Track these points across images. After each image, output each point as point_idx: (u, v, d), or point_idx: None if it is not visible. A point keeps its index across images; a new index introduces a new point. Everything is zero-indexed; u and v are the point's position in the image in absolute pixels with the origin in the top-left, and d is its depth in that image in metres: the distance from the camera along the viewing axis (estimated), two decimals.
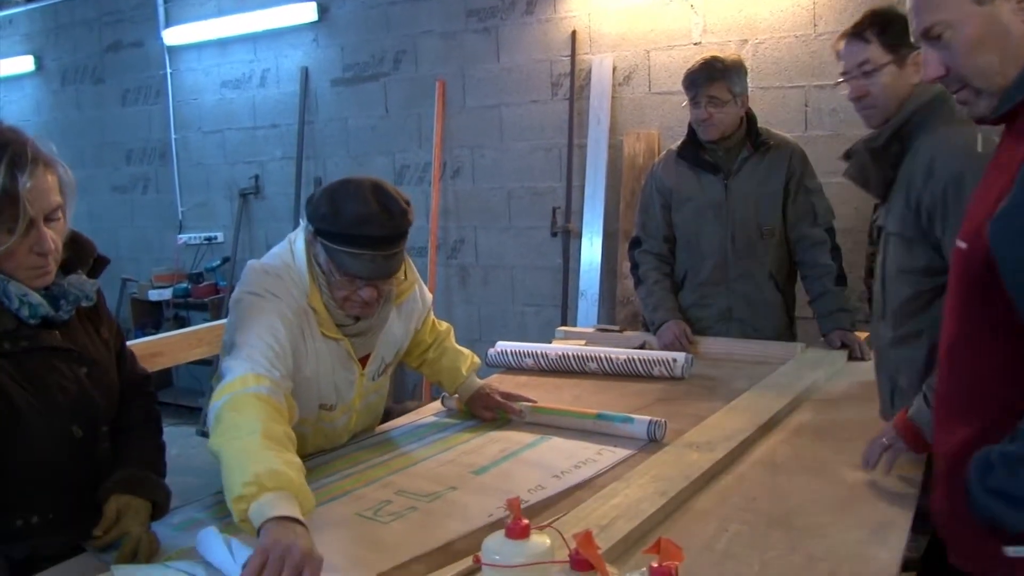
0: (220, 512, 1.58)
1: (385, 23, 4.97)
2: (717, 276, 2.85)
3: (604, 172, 4.34)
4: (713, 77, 2.70)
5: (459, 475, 1.76)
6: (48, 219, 1.40)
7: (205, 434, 5.43)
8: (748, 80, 2.81)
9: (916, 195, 1.80)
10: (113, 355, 1.64)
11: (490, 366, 2.72)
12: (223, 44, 5.64)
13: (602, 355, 2.58)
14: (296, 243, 1.84)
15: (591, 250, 4.41)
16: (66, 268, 1.52)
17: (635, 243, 3.01)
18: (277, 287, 1.77)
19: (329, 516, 1.55)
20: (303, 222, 1.82)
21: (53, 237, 1.41)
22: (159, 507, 1.53)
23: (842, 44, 1.97)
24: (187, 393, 5.99)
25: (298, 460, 1.47)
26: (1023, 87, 1.20)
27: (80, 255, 1.56)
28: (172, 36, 5.81)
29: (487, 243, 4.86)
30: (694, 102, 2.76)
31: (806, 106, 3.74)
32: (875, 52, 1.91)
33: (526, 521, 1.09)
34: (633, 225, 3.11)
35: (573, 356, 2.61)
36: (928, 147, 1.80)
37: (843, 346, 2.66)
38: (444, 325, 2.30)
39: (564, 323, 4.35)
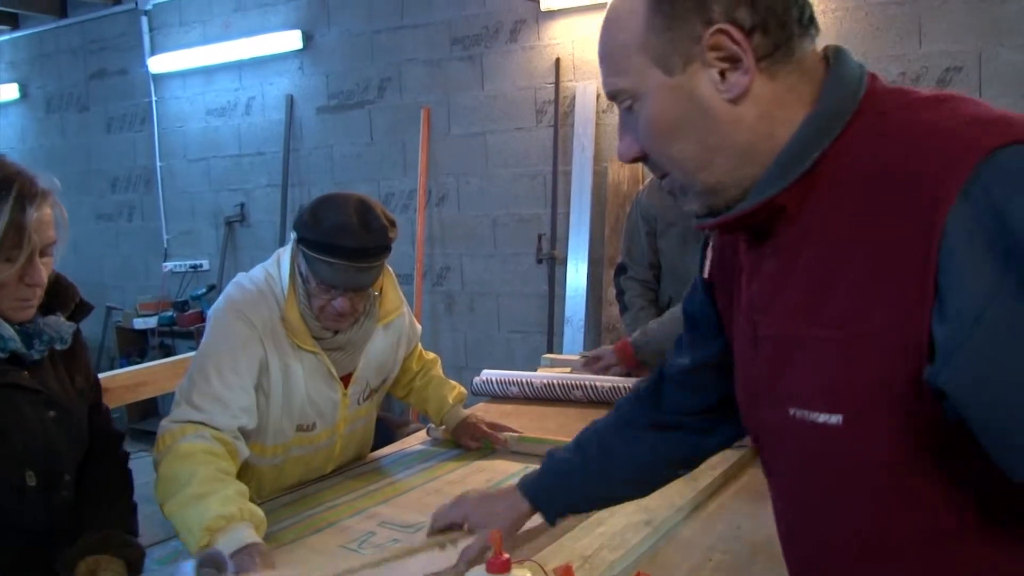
0: None
1: (370, 51, 4.99)
2: None
3: (589, 199, 4.36)
4: None
5: None
6: (42, 253, 1.40)
7: None
8: None
9: None
10: (86, 406, 1.58)
11: (476, 394, 2.72)
12: (208, 72, 5.65)
13: (587, 383, 2.58)
14: (284, 253, 1.87)
15: (577, 277, 4.42)
16: (46, 308, 1.49)
17: (620, 270, 3.01)
18: (248, 303, 1.80)
19: (314, 547, 1.55)
20: (292, 233, 1.85)
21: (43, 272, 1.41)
22: (132, 567, 1.44)
23: None
24: None
25: (237, 486, 1.55)
26: (788, 169, 0.87)
27: (62, 297, 1.53)
28: (157, 64, 5.82)
29: (473, 270, 4.87)
30: None
31: None
32: None
33: (507, 556, 1.09)
34: (618, 251, 3.12)
35: (558, 384, 2.60)
36: None
37: None
38: (431, 355, 2.31)
39: (550, 350, 4.35)
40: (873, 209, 0.81)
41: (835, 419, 0.84)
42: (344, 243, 1.72)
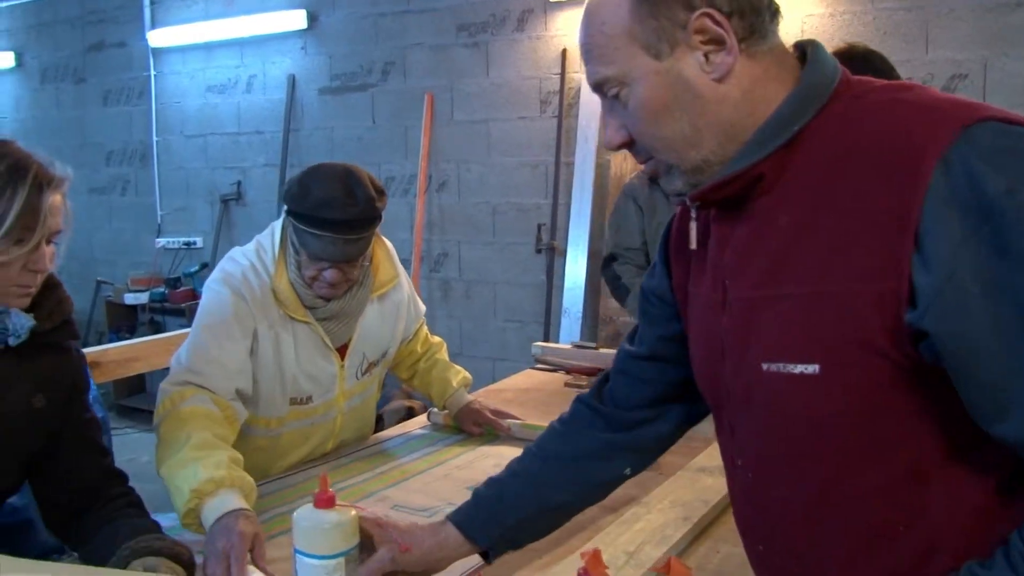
0: None
1: (375, 34, 4.97)
2: None
3: (591, 191, 4.36)
4: None
5: (455, 490, 1.75)
6: (48, 240, 1.36)
7: None
8: None
9: None
10: (42, 433, 1.44)
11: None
12: (209, 48, 5.61)
13: None
14: (276, 224, 1.88)
15: (575, 268, 4.43)
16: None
17: (610, 260, 2.98)
18: (239, 275, 1.82)
19: None
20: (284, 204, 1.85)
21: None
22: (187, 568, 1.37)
23: None
24: None
25: (231, 453, 1.56)
26: (768, 140, 0.93)
27: (50, 306, 1.42)
28: (157, 38, 5.78)
29: (470, 258, 4.86)
30: None
31: None
32: None
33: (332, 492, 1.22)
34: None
35: None
36: None
37: None
38: (436, 338, 2.31)
39: (546, 340, 4.35)
40: (852, 173, 0.87)
41: (812, 368, 0.89)
42: (330, 216, 1.72)
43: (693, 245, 1.08)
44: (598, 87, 0.99)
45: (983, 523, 0.88)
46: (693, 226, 1.07)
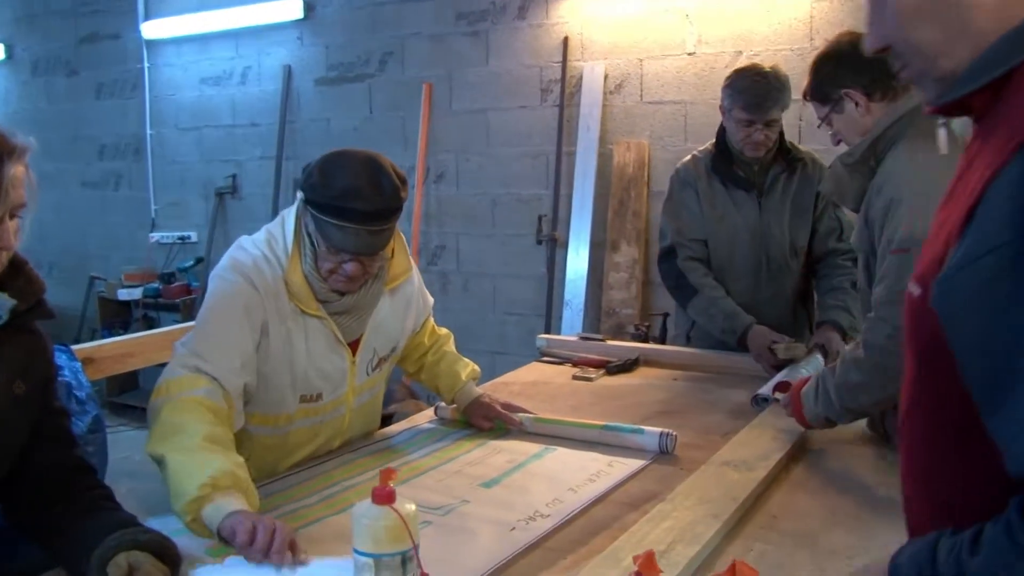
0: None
1: (372, 23, 4.89)
2: (747, 298, 2.66)
3: (593, 181, 4.30)
4: (781, 102, 2.53)
5: (468, 487, 1.68)
6: (11, 215, 1.27)
7: None
8: None
9: (870, 210, 1.79)
10: (24, 420, 1.39)
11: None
12: (204, 40, 5.53)
13: None
14: (289, 213, 1.79)
15: (577, 260, 4.37)
16: None
17: (669, 253, 2.74)
18: (251, 266, 1.73)
19: (338, 529, 1.47)
20: (299, 192, 1.77)
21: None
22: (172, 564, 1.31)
23: None
24: None
25: (241, 459, 1.50)
26: (977, 74, 0.91)
27: (21, 286, 1.34)
28: (151, 30, 5.69)
29: (469, 250, 4.80)
30: (749, 123, 2.54)
31: (800, 120, 3.72)
32: (816, 108, 1.96)
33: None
34: (621, 235, 3.01)
35: None
36: (890, 163, 1.78)
37: (822, 349, 2.51)
38: (443, 330, 2.24)
39: (547, 333, 4.29)
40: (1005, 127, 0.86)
41: (917, 291, 0.95)
42: (355, 206, 1.64)
43: (943, 150, 1.16)
44: None
45: None
46: (942, 132, 1.15)
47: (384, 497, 1.14)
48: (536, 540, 1.44)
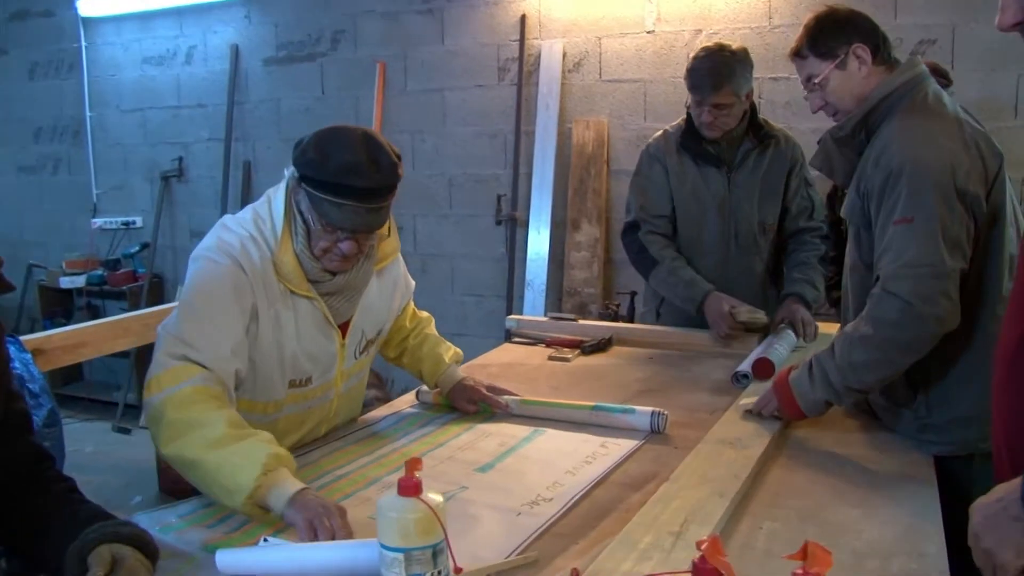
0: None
1: (323, 1, 4.78)
2: (716, 274, 2.68)
3: (552, 160, 4.27)
4: (718, 85, 2.50)
5: (464, 473, 1.66)
6: None
7: (122, 429, 5.13)
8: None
9: (865, 183, 1.79)
10: None
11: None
12: (145, 18, 5.34)
13: None
14: (277, 192, 1.73)
15: (538, 239, 4.34)
16: None
17: (633, 227, 2.77)
18: (238, 246, 1.67)
19: None
20: (288, 170, 1.71)
21: None
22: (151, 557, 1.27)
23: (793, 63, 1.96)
24: (101, 387, 5.69)
25: (267, 433, 1.51)
26: None
27: None
28: (88, 7, 5.48)
29: (426, 231, 4.74)
30: (697, 103, 2.56)
31: (760, 98, 3.73)
32: (814, 65, 1.89)
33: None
34: (582, 214, 2.99)
35: None
36: (886, 135, 1.77)
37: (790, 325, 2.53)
38: (424, 313, 2.20)
39: (509, 313, 4.26)
40: None
41: None
42: (354, 183, 1.60)
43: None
44: None
45: None
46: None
47: (411, 489, 1.10)
48: (545, 525, 1.42)
